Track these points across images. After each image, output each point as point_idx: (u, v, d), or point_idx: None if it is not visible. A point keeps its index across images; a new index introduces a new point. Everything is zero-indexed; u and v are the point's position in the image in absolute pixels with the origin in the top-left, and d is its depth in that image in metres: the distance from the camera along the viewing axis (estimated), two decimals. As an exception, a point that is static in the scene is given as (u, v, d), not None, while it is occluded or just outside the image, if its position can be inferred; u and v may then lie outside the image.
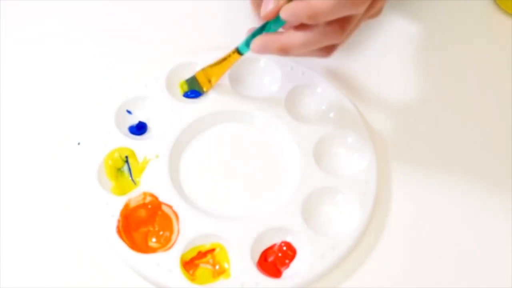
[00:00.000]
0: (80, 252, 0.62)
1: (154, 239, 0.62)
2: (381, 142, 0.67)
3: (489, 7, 0.74)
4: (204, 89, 0.67)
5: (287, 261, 0.61)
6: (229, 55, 0.65)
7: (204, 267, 0.61)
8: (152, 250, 0.61)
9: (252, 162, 0.66)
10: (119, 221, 0.61)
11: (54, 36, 0.72)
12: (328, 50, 0.61)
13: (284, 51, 0.59)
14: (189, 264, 0.61)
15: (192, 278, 0.60)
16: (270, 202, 0.64)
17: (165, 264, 0.60)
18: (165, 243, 0.61)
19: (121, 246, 0.60)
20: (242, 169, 0.66)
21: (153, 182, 0.63)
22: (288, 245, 0.62)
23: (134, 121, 0.67)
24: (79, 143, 0.66)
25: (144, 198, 0.63)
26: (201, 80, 0.67)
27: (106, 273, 0.61)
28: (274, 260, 0.61)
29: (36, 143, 0.66)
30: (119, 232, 0.61)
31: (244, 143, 0.67)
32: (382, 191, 0.64)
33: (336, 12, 0.56)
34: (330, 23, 0.57)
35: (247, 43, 0.62)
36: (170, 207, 0.62)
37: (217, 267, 0.61)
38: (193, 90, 0.68)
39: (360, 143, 0.65)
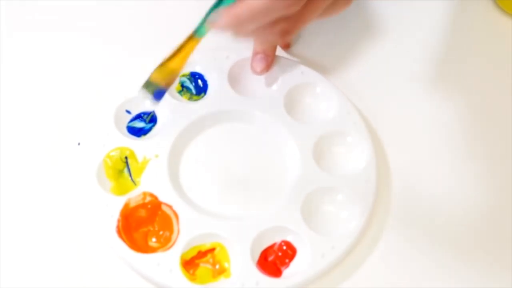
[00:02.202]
0: (80, 253, 0.62)
1: (154, 239, 0.62)
2: (381, 141, 0.67)
3: (489, 7, 0.74)
4: (164, 85, 0.62)
5: (287, 260, 0.61)
6: (186, 43, 0.60)
7: (204, 267, 0.61)
8: (152, 249, 0.61)
9: (251, 161, 0.66)
10: (119, 221, 0.61)
11: (53, 36, 0.72)
12: (283, 33, 0.57)
13: (234, 27, 0.55)
14: (189, 264, 0.61)
15: (193, 277, 0.60)
16: (270, 201, 0.64)
17: (165, 264, 0.60)
18: (165, 242, 0.61)
19: (121, 246, 0.60)
20: (241, 169, 0.66)
21: (153, 182, 0.63)
22: (288, 244, 0.62)
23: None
24: (79, 144, 0.66)
25: (144, 198, 0.63)
26: (158, 79, 0.61)
27: (106, 273, 0.61)
28: (274, 259, 0.61)
29: (35, 144, 0.66)
30: (119, 232, 0.61)
31: (243, 143, 0.67)
32: (382, 190, 0.64)
33: None
34: None
35: (203, 24, 0.58)
36: (170, 206, 0.62)
37: (217, 266, 0.61)
38: (157, 91, 0.62)
39: (360, 142, 0.65)
